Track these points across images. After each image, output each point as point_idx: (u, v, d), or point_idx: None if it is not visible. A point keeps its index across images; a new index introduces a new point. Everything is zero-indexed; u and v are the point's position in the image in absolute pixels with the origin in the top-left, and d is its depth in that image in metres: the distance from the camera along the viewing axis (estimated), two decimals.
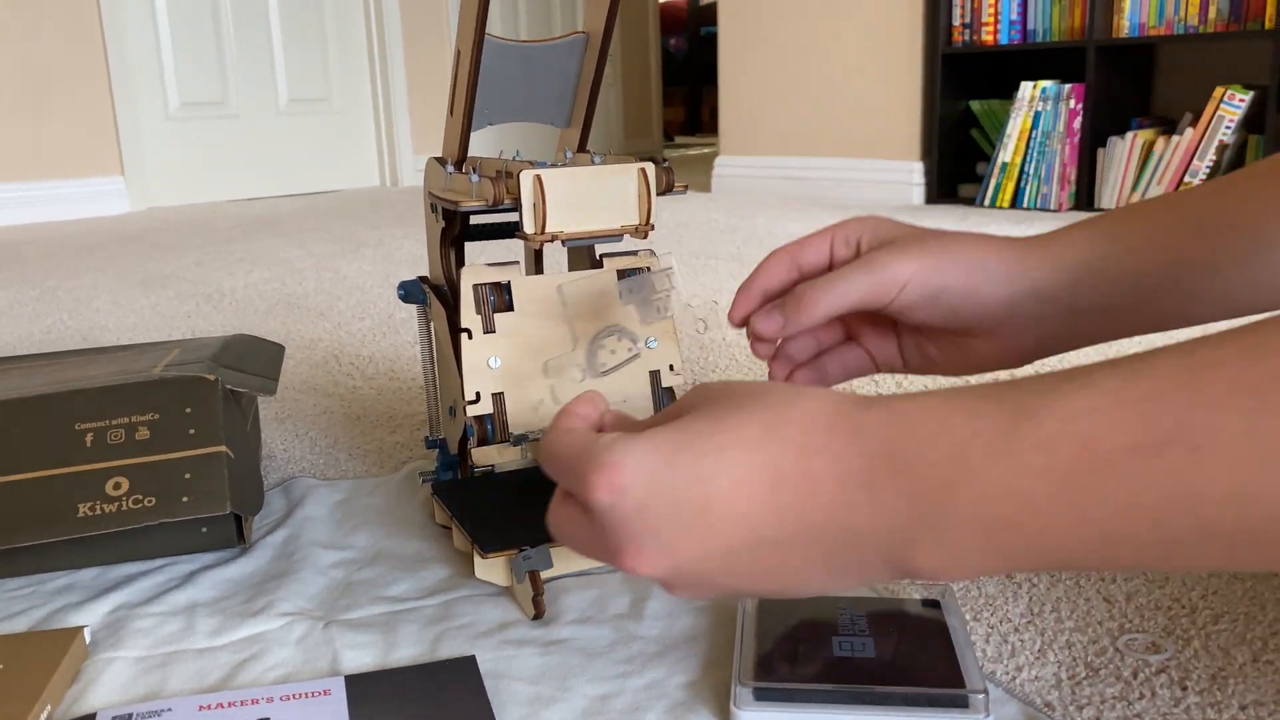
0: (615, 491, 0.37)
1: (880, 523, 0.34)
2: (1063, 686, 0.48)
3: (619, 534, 0.38)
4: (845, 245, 0.53)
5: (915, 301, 0.51)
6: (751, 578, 0.38)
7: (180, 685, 0.50)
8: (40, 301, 1.66)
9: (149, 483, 0.60)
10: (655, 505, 0.37)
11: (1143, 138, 2.49)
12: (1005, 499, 0.32)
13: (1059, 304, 0.51)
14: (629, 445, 0.38)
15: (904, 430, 0.34)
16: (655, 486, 0.37)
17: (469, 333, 0.58)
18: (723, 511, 0.36)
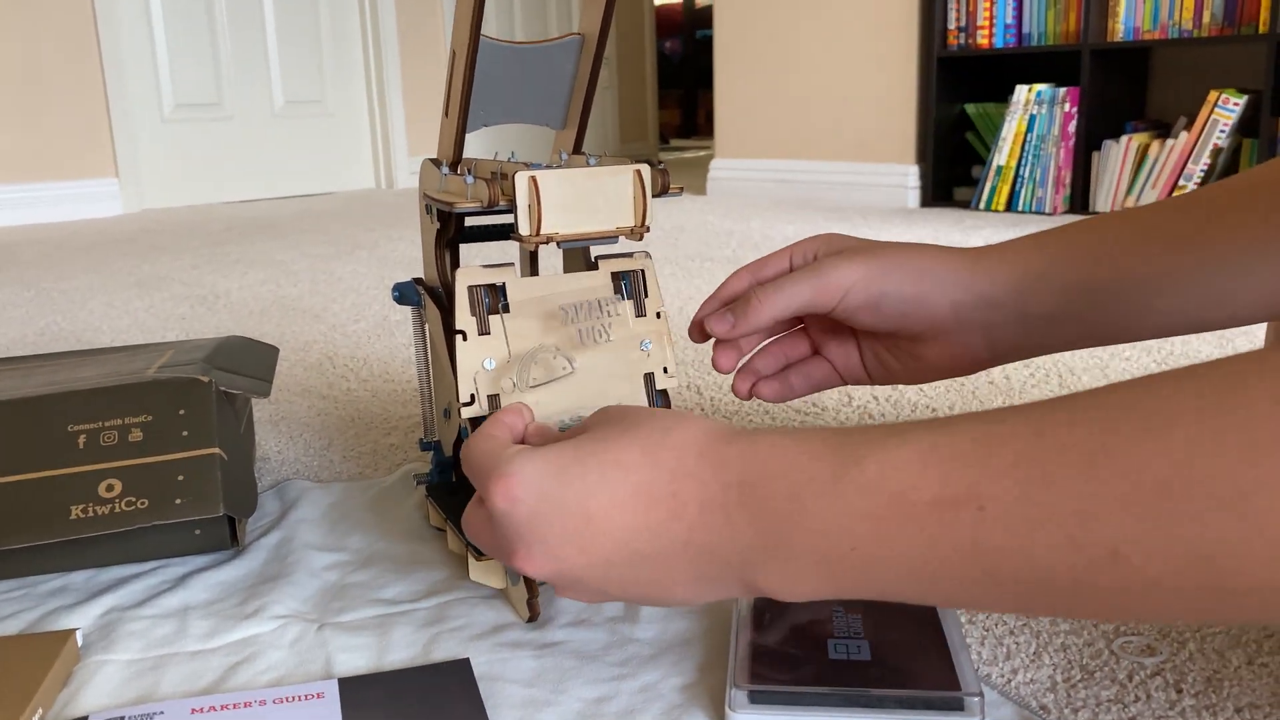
0: (510, 500, 0.41)
1: (732, 544, 0.38)
2: (1058, 689, 0.48)
3: (511, 537, 0.42)
4: (802, 259, 0.57)
5: (859, 305, 0.53)
6: (625, 587, 0.41)
7: (173, 688, 0.50)
8: (34, 303, 1.66)
9: (142, 485, 0.60)
10: (544, 515, 0.41)
11: (1137, 141, 2.50)
12: (834, 536, 0.36)
13: (1007, 310, 0.53)
14: (527, 459, 0.42)
15: (756, 465, 0.38)
16: (545, 498, 0.41)
17: (464, 334, 0.58)
18: (602, 526, 0.40)
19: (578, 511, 0.40)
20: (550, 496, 0.41)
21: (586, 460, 0.41)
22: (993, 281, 0.53)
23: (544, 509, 0.41)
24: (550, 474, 0.41)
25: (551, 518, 0.41)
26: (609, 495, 0.40)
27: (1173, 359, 1.09)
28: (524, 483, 0.41)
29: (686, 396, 0.99)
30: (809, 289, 0.53)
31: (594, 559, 0.40)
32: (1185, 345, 1.14)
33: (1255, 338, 1.17)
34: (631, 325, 0.61)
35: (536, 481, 0.41)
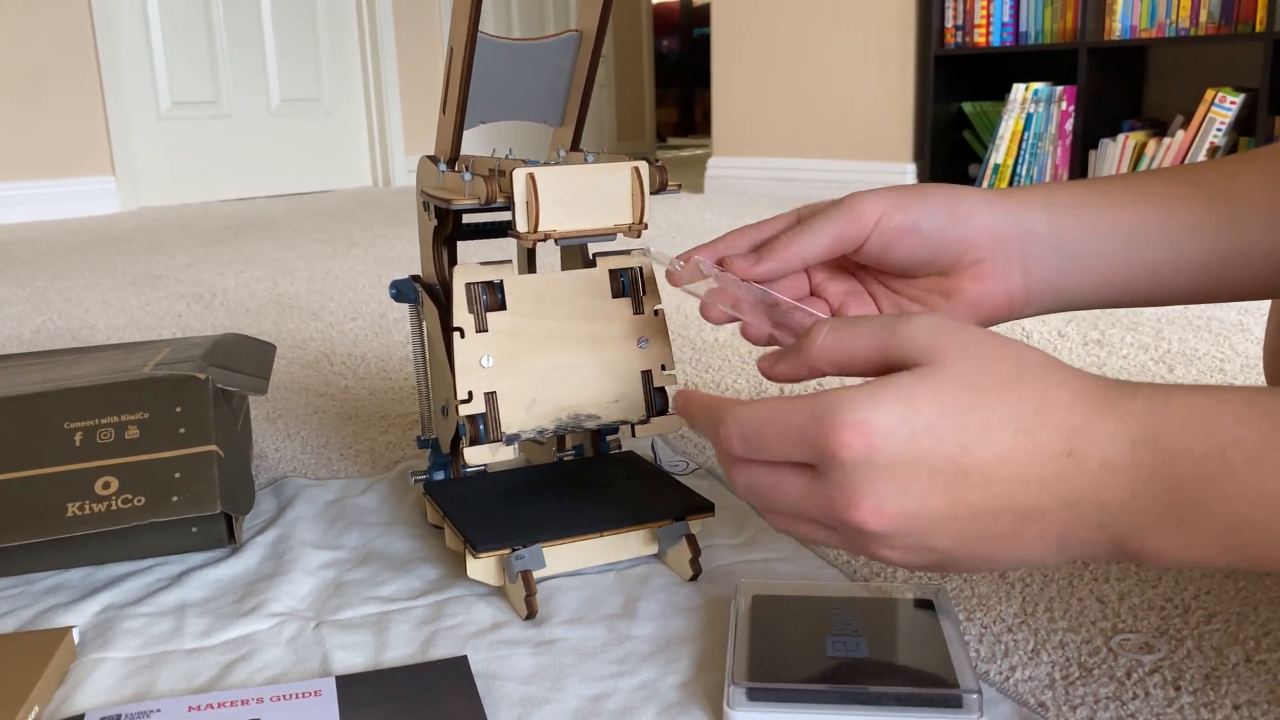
0: (869, 448, 0.37)
1: (1132, 502, 0.36)
2: (1056, 686, 0.48)
3: (861, 488, 0.38)
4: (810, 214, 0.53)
5: (895, 232, 0.50)
6: (974, 543, 0.38)
7: (169, 686, 0.50)
8: (30, 301, 1.65)
9: (138, 482, 0.60)
10: (908, 468, 0.37)
11: (1134, 140, 2.50)
12: (1260, 503, 0.34)
13: (1044, 239, 0.51)
14: (878, 405, 0.37)
15: (1170, 423, 0.36)
16: (911, 449, 0.37)
17: (461, 331, 0.58)
18: (978, 480, 0.37)
19: (952, 466, 0.37)
20: (919, 449, 0.37)
21: (967, 414, 0.37)
22: (1026, 208, 0.50)
23: (909, 462, 0.37)
24: (920, 426, 0.37)
25: (919, 470, 0.37)
26: (991, 452, 0.37)
27: (1170, 357, 1.09)
28: (886, 432, 0.37)
29: None
30: (837, 224, 0.50)
31: (959, 509, 0.38)
32: (1182, 344, 1.14)
33: (1253, 334, 1.17)
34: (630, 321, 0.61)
35: (901, 431, 0.37)
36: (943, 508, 0.38)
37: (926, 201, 0.50)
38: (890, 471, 0.37)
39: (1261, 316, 1.26)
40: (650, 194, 0.57)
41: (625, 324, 0.61)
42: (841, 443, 0.37)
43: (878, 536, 0.39)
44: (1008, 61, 2.77)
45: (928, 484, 0.37)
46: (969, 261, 0.51)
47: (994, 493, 0.37)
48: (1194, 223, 0.50)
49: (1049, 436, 0.37)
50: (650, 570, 0.60)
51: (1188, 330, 1.20)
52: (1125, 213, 0.51)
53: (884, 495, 0.38)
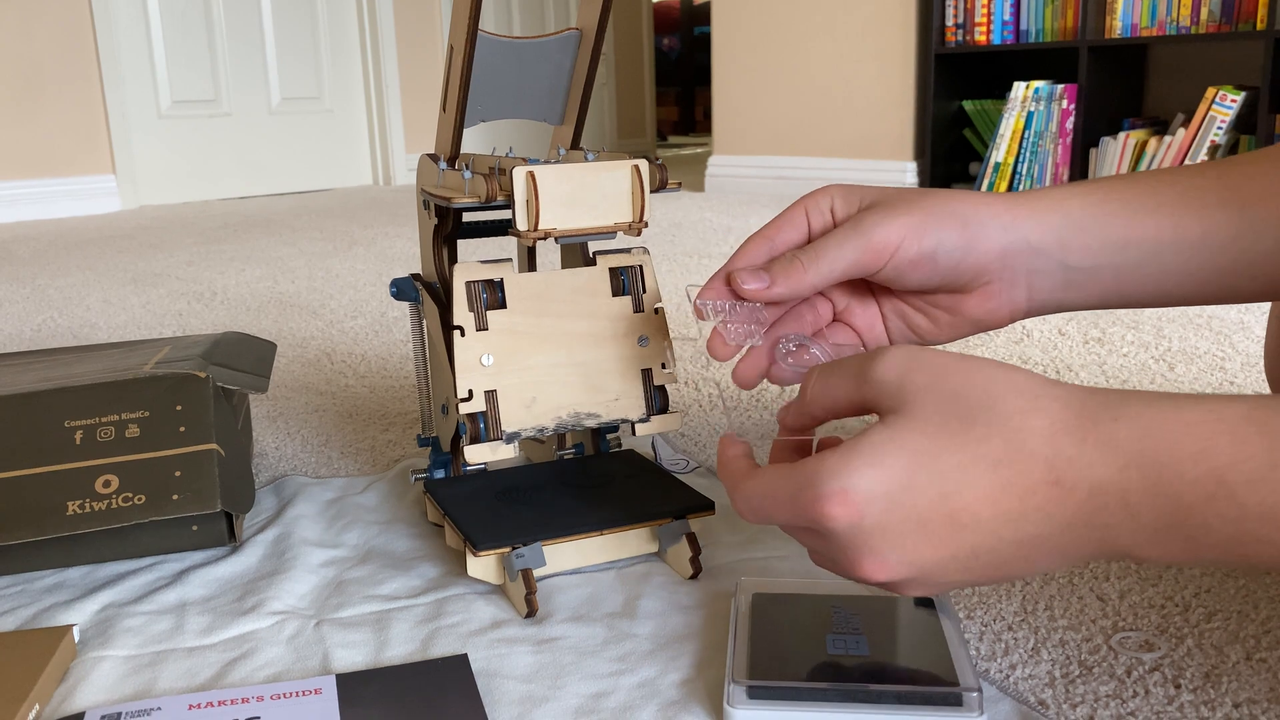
0: (853, 516, 0.38)
1: (1130, 522, 0.36)
2: (1056, 685, 0.48)
3: (859, 550, 0.39)
4: (820, 216, 0.52)
5: (910, 263, 0.49)
6: (985, 571, 0.39)
7: (170, 684, 0.50)
8: (31, 299, 1.65)
9: (139, 481, 0.60)
10: (897, 524, 0.38)
11: (1135, 138, 2.50)
12: (1263, 521, 0.34)
13: (1049, 258, 0.50)
14: (852, 472, 0.38)
15: (1161, 446, 0.35)
16: (895, 507, 0.38)
17: (461, 330, 0.58)
18: (967, 521, 0.38)
19: (938, 514, 0.38)
20: (902, 505, 0.38)
21: (938, 461, 0.38)
22: (1036, 225, 0.50)
23: (896, 519, 0.38)
24: (896, 483, 0.38)
25: (907, 525, 0.38)
26: (974, 493, 0.37)
27: (1170, 355, 1.09)
28: (867, 497, 0.38)
29: (685, 392, 0.99)
30: (854, 250, 0.49)
31: (958, 552, 0.38)
32: (1182, 342, 1.14)
33: (1254, 333, 1.17)
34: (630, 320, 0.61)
35: (879, 491, 0.38)
36: (942, 553, 0.38)
37: (942, 227, 0.49)
38: (882, 532, 0.38)
39: (1262, 315, 1.26)
40: (650, 192, 0.57)
41: (625, 322, 0.61)
42: (827, 515, 0.38)
43: (893, 584, 0.40)
44: (1008, 60, 2.76)
45: (920, 535, 0.38)
46: (979, 283, 0.51)
47: (988, 530, 0.38)
48: (1204, 233, 0.50)
49: (1030, 468, 0.37)
50: (650, 568, 0.60)
51: (1188, 328, 1.20)
52: (1135, 225, 0.50)
53: (882, 553, 0.39)
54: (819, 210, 0.52)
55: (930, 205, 0.49)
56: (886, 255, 0.49)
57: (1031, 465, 0.37)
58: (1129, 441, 0.35)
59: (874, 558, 0.39)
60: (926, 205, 0.49)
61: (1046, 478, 0.36)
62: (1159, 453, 0.35)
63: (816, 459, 0.40)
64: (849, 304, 0.54)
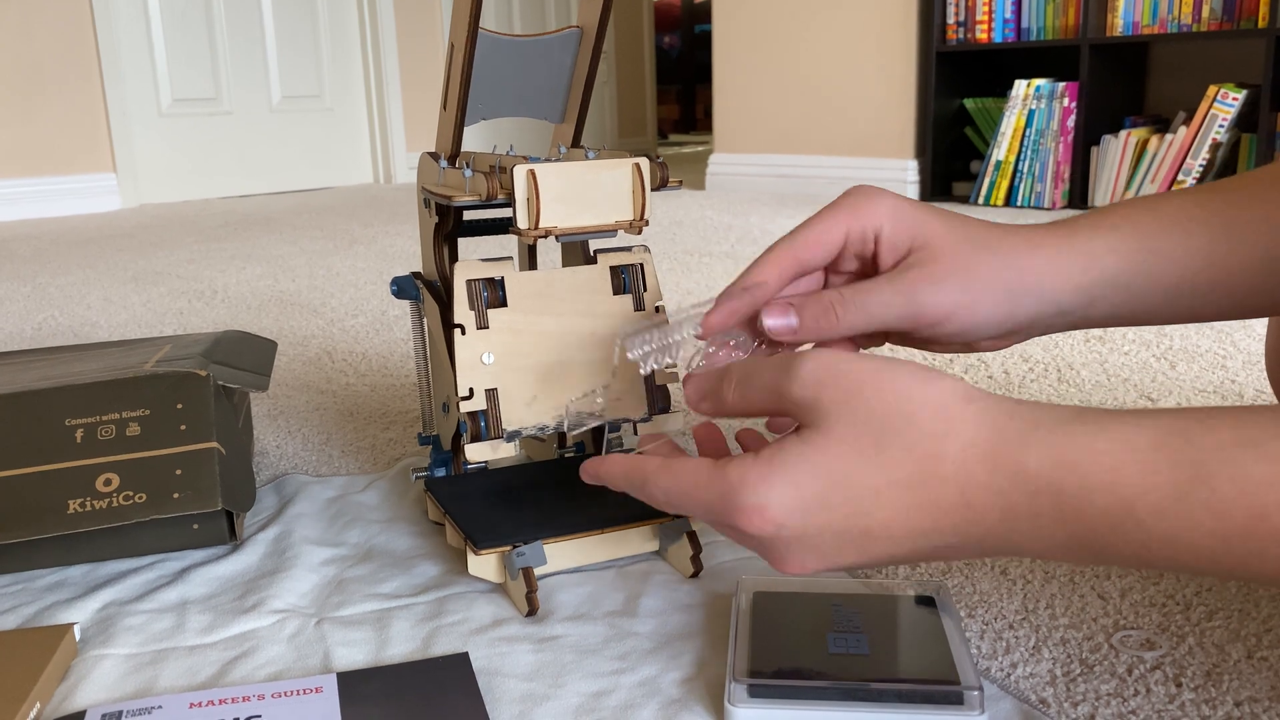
0: (771, 527, 0.40)
1: (1040, 542, 0.37)
2: (1057, 683, 0.48)
3: (779, 553, 0.42)
4: (862, 240, 0.48)
5: (952, 333, 0.48)
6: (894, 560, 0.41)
7: (171, 682, 0.50)
8: (31, 298, 1.65)
9: (139, 479, 0.60)
10: (814, 535, 0.40)
11: (1136, 136, 2.50)
12: (1168, 546, 0.34)
13: (1074, 313, 0.50)
14: (769, 489, 0.40)
15: (1070, 476, 0.36)
16: (812, 522, 0.40)
17: (462, 328, 0.58)
18: (882, 535, 0.39)
19: (853, 529, 0.39)
20: (818, 520, 0.40)
21: (851, 484, 0.39)
22: (1071, 290, 0.48)
23: (813, 531, 0.40)
24: (813, 503, 0.39)
25: (822, 534, 0.40)
26: (888, 513, 0.39)
27: (1172, 353, 1.09)
28: (783, 510, 0.40)
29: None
30: (899, 314, 0.47)
31: (875, 556, 0.40)
32: (1184, 340, 1.14)
33: (1255, 331, 1.17)
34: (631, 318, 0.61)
35: (796, 508, 0.39)
36: (859, 557, 0.41)
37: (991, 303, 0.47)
38: (801, 540, 0.40)
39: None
40: (651, 190, 0.57)
41: (626, 320, 0.61)
42: (746, 524, 0.41)
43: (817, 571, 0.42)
44: (1010, 58, 2.76)
45: (836, 543, 0.40)
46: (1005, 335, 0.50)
47: (901, 541, 0.39)
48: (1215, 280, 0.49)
49: (941, 490, 0.38)
50: (651, 567, 0.60)
51: (1190, 328, 1.20)
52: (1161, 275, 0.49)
53: (802, 557, 0.41)
54: (862, 234, 0.48)
55: (983, 273, 0.47)
56: (932, 325, 0.47)
57: (944, 490, 0.38)
58: (1040, 470, 0.36)
59: (794, 560, 0.41)
60: (979, 273, 0.47)
61: (959, 501, 0.38)
62: (1067, 483, 0.36)
63: (735, 469, 0.41)
64: None
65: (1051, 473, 0.36)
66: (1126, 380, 0.99)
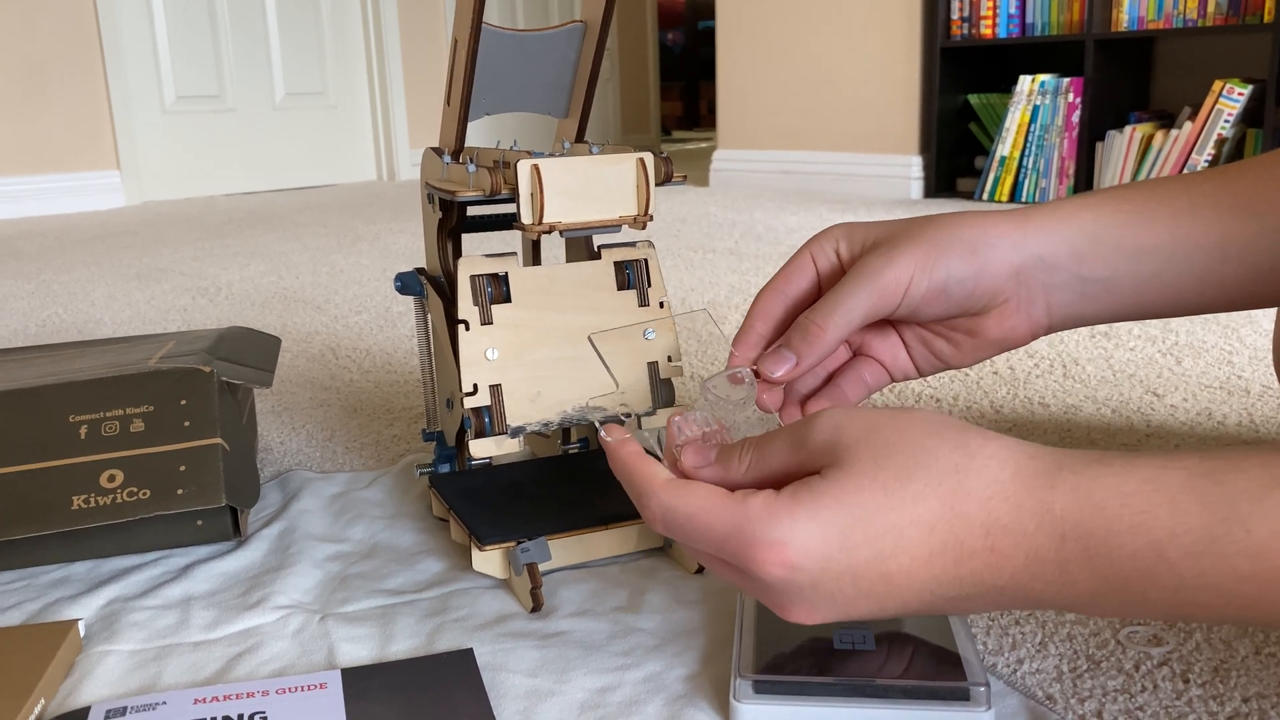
0: (788, 569, 0.38)
1: (1066, 590, 0.36)
2: (1064, 679, 0.48)
3: (791, 599, 0.39)
4: (825, 259, 0.51)
5: (923, 297, 0.49)
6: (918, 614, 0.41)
7: (175, 678, 0.50)
8: (35, 295, 1.66)
9: (143, 475, 0.60)
10: (831, 580, 0.38)
11: (1141, 131, 2.49)
12: (1200, 591, 0.33)
13: (1066, 270, 0.50)
14: (793, 523, 0.38)
15: (1099, 518, 0.35)
16: (830, 566, 0.38)
17: (466, 324, 0.58)
18: (902, 581, 0.38)
19: (873, 574, 0.38)
20: (837, 564, 0.38)
21: (874, 522, 0.37)
22: (1047, 239, 0.49)
23: (829, 575, 0.38)
24: (834, 541, 0.38)
25: (840, 582, 0.38)
26: (909, 556, 0.37)
27: (1178, 349, 1.08)
28: (798, 551, 0.38)
29: (690, 387, 0.98)
30: (868, 296, 0.48)
31: (890, 607, 0.39)
32: (1190, 336, 1.14)
33: (1261, 327, 1.17)
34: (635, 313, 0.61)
35: (816, 550, 0.38)
36: (873, 607, 0.39)
37: (949, 257, 0.48)
38: (815, 586, 0.38)
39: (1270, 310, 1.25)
40: (655, 186, 0.57)
41: (630, 316, 0.61)
42: (761, 563, 0.38)
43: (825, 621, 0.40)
44: (1014, 53, 2.76)
45: (853, 590, 0.38)
46: (996, 305, 0.51)
47: (920, 588, 0.38)
48: (1219, 240, 0.49)
49: (966, 534, 0.37)
50: (656, 563, 0.60)
51: (1195, 322, 1.20)
52: (1148, 233, 0.50)
53: (812, 603, 0.39)
54: (824, 254, 0.51)
55: (935, 236, 0.49)
56: (899, 295, 0.48)
57: (968, 531, 0.37)
58: (1066, 512, 0.35)
59: (803, 607, 0.39)
60: (931, 236, 0.49)
61: (983, 544, 0.36)
62: (1096, 526, 0.35)
63: (760, 500, 0.39)
64: (866, 339, 0.54)
65: (1079, 514, 0.35)
66: (1132, 376, 0.99)
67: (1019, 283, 0.50)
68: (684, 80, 6.85)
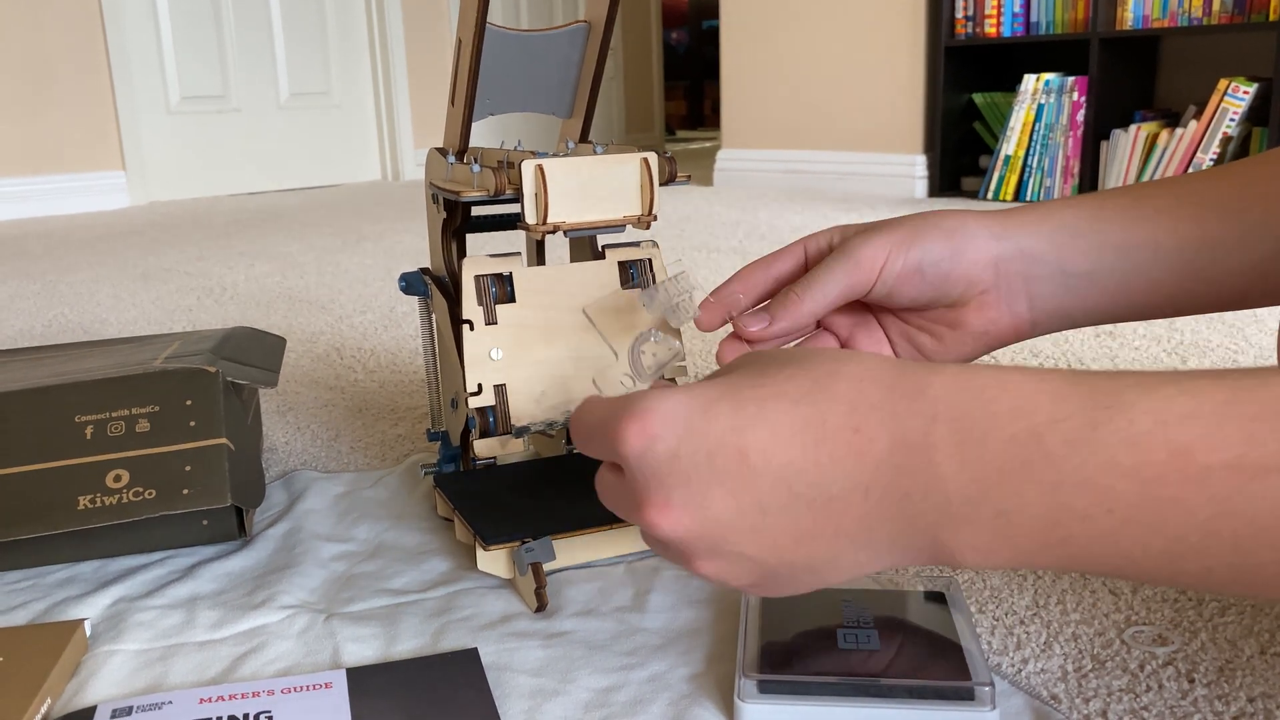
0: (646, 438, 0.36)
1: (932, 491, 0.32)
2: (1069, 679, 0.47)
3: (647, 483, 0.36)
4: (817, 249, 0.53)
5: (899, 277, 0.49)
6: (778, 547, 0.35)
7: (181, 678, 0.50)
8: (41, 295, 1.66)
9: (149, 475, 0.60)
10: (688, 453, 0.35)
11: (1146, 130, 2.48)
12: (1081, 492, 0.30)
13: (1046, 264, 0.50)
14: (664, 394, 0.37)
15: (978, 400, 0.32)
16: (689, 434, 0.35)
17: (470, 324, 0.58)
18: (759, 464, 0.34)
19: (729, 447, 0.35)
20: (696, 431, 0.35)
21: (741, 392, 0.35)
22: (1029, 233, 0.50)
23: (688, 447, 0.35)
24: (696, 408, 0.35)
25: (697, 455, 0.35)
26: (769, 429, 0.34)
27: (1183, 348, 1.08)
28: (663, 418, 0.36)
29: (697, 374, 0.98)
30: (844, 272, 0.49)
31: (745, 503, 0.35)
32: (1195, 335, 1.14)
33: (1267, 325, 1.16)
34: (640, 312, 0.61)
35: (679, 416, 0.35)
36: (728, 501, 0.35)
37: (926, 240, 0.49)
38: (671, 462, 0.35)
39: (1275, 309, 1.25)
40: (659, 186, 0.57)
41: (632, 310, 0.61)
42: (623, 437, 0.36)
43: (679, 546, 0.37)
44: (1019, 52, 2.75)
45: (710, 471, 0.35)
46: (974, 294, 0.51)
47: (777, 478, 0.34)
48: (1204, 237, 0.49)
49: (830, 409, 0.34)
50: (660, 562, 0.60)
51: (1200, 321, 1.20)
52: (1132, 230, 0.50)
53: (668, 489, 0.36)
54: (816, 243, 0.53)
55: (916, 222, 0.50)
56: (875, 272, 0.49)
57: (831, 406, 0.34)
58: (941, 392, 0.33)
59: (659, 494, 0.36)
60: (912, 222, 0.50)
61: (846, 423, 0.34)
62: (972, 406, 0.32)
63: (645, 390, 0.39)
64: (852, 332, 0.55)
65: (954, 395, 0.32)
66: None
67: (998, 273, 0.50)
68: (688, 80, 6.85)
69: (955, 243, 0.50)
